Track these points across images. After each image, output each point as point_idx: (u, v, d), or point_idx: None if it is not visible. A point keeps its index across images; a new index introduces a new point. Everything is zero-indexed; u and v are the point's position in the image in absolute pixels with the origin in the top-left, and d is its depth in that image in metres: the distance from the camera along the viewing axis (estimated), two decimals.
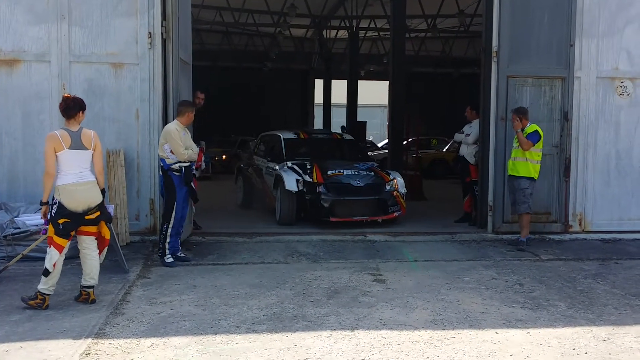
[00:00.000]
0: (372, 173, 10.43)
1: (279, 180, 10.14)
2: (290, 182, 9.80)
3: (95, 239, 6.13)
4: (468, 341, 5.11)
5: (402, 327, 5.42)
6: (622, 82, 9.91)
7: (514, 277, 7.22)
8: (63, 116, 6.03)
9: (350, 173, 10.20)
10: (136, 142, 8.83)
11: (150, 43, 8.69)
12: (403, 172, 13.37)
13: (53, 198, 5.86)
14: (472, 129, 10.31)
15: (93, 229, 6.06)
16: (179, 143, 7.44)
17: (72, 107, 5.97)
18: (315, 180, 9.93)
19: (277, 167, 10.49)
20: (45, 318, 5.52)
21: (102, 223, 6.14)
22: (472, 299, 6.30)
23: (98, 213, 5.99)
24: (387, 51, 29.25)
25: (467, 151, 10.40)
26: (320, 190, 9.82)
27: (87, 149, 5.95)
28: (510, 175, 8.92)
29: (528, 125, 8.75)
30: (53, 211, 5.79)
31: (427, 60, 30.22)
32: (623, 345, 5.09)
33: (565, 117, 9.56)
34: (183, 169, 7.53)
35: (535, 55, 9.47)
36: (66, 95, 6.15)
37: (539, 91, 9.54)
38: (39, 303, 5.78)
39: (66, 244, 5.87)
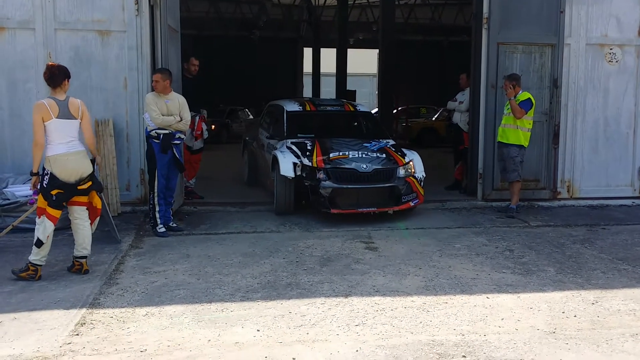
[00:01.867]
0: (384, 155, 8.64)
1: (275, 163, 8.62)
2: (286, 166, 8.35)
3: (87, 209, 6.11)
4: (460, 306, 5.18)
5: (394, 293, 5.48)
6: (611, 49, 9.92)
7: (504, 243, 7.30)
8: (48, 85, 5.92)
9: (356, 155, 8.50)
10: (125, 111, 8.76)
11: (138, 10, 8.55)
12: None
13: (44, 169, 5.81)
14: (465, 97, 10.30)
15: (84, 199, 6.04)
16: (152, 108, 7.36)
17: (57, 75, 5.87)
18: (315, 165, 8.37)
19: (277, 146, 9.05)
20: (39, 289, 5.52)
21: (93, 193, 6.11)
22: (463, 265, 6.37)
23: (90, 183, 5.96)
24: (376, 19, 29.04)
25: (461, 119, 10.41)
26: (320, 176, 8.29)
27: (75, 118, 5.89)
28: (499, 142, 8.95)
29: (520, 92, 8.75)
30: (45, 182, 5.75)
31: (416, 28, 30.03)
32: (611, 308, 5.18)
33: (555, 84, 9.58)
34: (161, 136, 7.46)
35: (525, 22, 9.44)
36: (50, 63, 6.02)
37: (529, 58, 9.54)
38: (31, 274, 5.77)
39: (59, 214, 5.85)
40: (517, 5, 9.39)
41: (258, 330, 4.62)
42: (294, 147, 8.75)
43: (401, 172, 8.48)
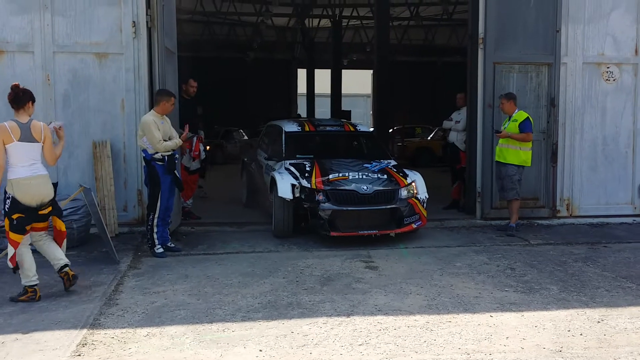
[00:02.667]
0: (385, 176, 8.42)
1: (273, 184, 8.44)
2: (285, 187, 8.13)
3: (47, 233, 6.03)
4: (464, 325, 5.13)
5: (397, 312, 5.43)
6: (608, 68, 9.98)
7: (505, 261, 7.26)
8: (12, 107, 5.77)
9: (357, 177, 8.29)
10: (122, 132, 8.75)
11: (135, 32, 8.59)
12: None
13: (5, 192, 5.73)
14: (461, 116, 10.32)
15: (44, 224, 5.96)
16: (154, 135, 7.29)
17: (21, 97, 5.74)
18: (314, 186, 8.16)
19: (275, 167, 8.89)
20: (39, 310, 5.45)
21: (55, 218, 6.03)
22: (465, 283, 6.33)
23: (50, 208, 5.88)
24: (370, 40, 29.25)
25: (457, 138, 10.43)
26: (319, 198, 8.06)
27: (37, 142, 5.76)
28: (497, 161, 8.95)
29: (516, 111, 8.78)
30: (6, 206, 5.66)
31: (409, 49, 30.24)
32: (617, 327, 5.14)
33: (552, 103, 9.61)
34: (166, 157, 7.44)
35: (521, 41, 9.51)
36: (15, 84, 5.86)
37: (526, 77, 9.59)
38: (30, 296, 5.70)
39: (21, 239, 5.73)
40: (513, 25, 9.45)
41: (260, 351, 4.55)
42: (292, 169, 8.55)
43: (403, 193, 8.26)
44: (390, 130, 17.48)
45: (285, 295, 5.88)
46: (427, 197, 8.51)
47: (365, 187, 8.11)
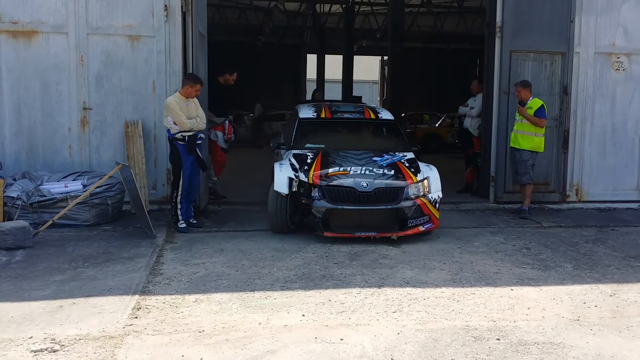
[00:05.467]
0: (392, 171, 7.67)
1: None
2: (281, 180, 7.51)
3: None
4: (487, 297, 5.53)
5: (424, 285, 5.83)
6: (618, 58, 10.33)
7: (520, 242, 7.66)
8: None
9: (359, 171, 7.56)
10: (153, 113, 9.10)
11: (167, 16, 8.92)
12: None
13: None
14: (476, 102, 10.68)
15: None
16: (179, 113, 7.68)
17: None
18: (310, 181, 7.49)
19: (284, 156, 8.40)
20: (88, 278, 5.84)
21: None
22: (485, 261, 6.73)
23: None
24: (380, 26, 29.47)
25: (471, 124, 10.79)
26: (314, 194, 7.43)
27: None
28: (512, 147, 9.31)
29: (531, 99, 9.13)
30: None
31: (419, 35, 30.47)
32: (628, 300, 5.55)
33: (565, 91, 9.97)
34: (187, 138, 7.79)
35: (537, 30, 9.84)
36: None
37: (540, 66, 9.94)
38: None
39: None
40: (529, 15, 9.78)
41: (303, 315, 4.96)
42: (293, 160, 7.95)
43: (410, 191, 7.49)
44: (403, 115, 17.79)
45: (318, 268, 6.27)
46: (441, 196, 7.74)
47: (365, 184, 7.38)
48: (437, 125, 22.32)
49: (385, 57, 26.97)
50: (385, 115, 9.48)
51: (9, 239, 6.79)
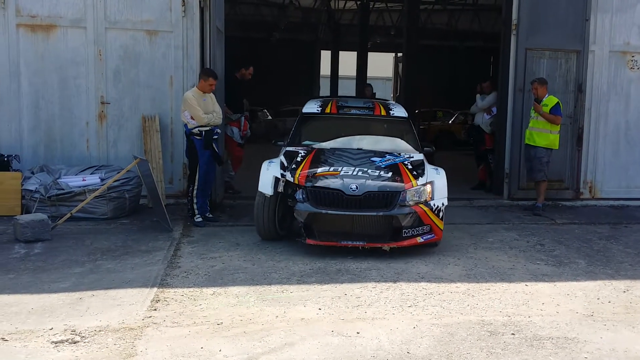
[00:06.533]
0: (389, 174, 6.82)
1: None
2: (266, 180, 6.88)
3: None
4: (502, 292, 5.58)
5: (439, 280, 5.88)
6: (633, 57, 10.32)
7: (534, 238, 7.70)
8: None
9: (350, 172, 6.73)
10: (170, 108, 9.19)
11: (184, 11, 8.99)
12: None
13: None
14: (486, 100, 10.68)
15: None
16: (196, 108, 7.76)
17: None
18: (296, 181, 6.73)
19: (281, 152, 7.75)
20: (107, 271, 5.93)
21: None
22: (499, 256, 6.77)
23: None
24: (394, 23, 29.43)
25: (483, 120, 10.80)
26: (298, 196, 6.64)
27: None
28: (527, 144, 9.33)
29: (547, 96, 9.14)
30: None
31: (432, 33, 30.38)
32: None
33: (580, 89, 9.97)
34: (203, 132, 7.86)
35: (552, 28, 9.84)
36: None
37: (556, 63, 9.94)
38: None
39: None
40: (545, 13, 9.78)
41: (320, 309, 5.02)
42: (283, 157, 7.31)
43: (407, 197, 6.59)
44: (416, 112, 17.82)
45: (334, 262, 6.33)
46: (446, 204, 6.88)
47: (354, 187, 6.53)
48: (450, 122, 22.34)
49: (399, 54, 26.92)
50: (398, 112, 8.58)
51: (27, 231, 6.89)
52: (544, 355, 4.27)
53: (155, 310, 4.94)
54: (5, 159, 8.45)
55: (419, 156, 7.56)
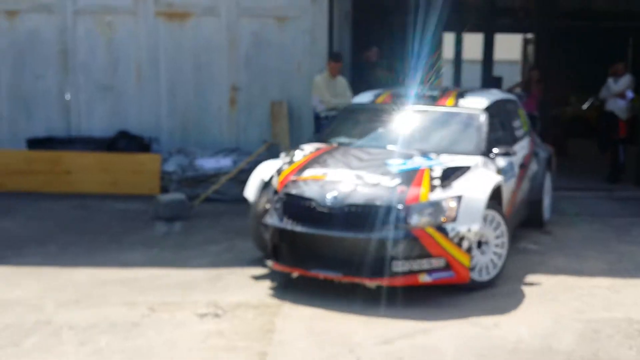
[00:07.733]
0: (396, 181, 5.01)
1: None
2: (251, 183, 5.66)
3: None
4: None
5: (579, 274, 5.57)
6: None
7: None
8: None
9: (341, 177, 5.15)
10: (298, 93, 9.26)
11: None
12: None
13: None
14: (618, 85, 9.94)
15: None
16: (321, 91, 7.82)
17: None
18: (276, 186, 5.30)
19: None
20: (243, 249, 6.05)
21: None
22: None
23: None
24: (523, 4, 28.21)
25: (619, 106, 10.03)
26: (272, 206, 5.23)
27: None
28: None
29: None
30: None
31: (565, 13, 28.82)
32: None
33: None
34: (330, 117, 7.84)
35: None
36: None
37: None
38: None
39: None
40: None
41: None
42: (283, 154, 6.09)
43: (411, 214, 4.79)
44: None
45: None
46: (477, 230, 4.84)
47: (331, 197, 4.91)
48: (584, 107, 21.12)
49: (528, 35, 25.79)
50: (471, 102, 6.38)
51: (168, 210, 7.26)
52: None
53: (290, 289, 5.03)
54: (147, 141, 8.92)
55: (469, 161, 5.50)
